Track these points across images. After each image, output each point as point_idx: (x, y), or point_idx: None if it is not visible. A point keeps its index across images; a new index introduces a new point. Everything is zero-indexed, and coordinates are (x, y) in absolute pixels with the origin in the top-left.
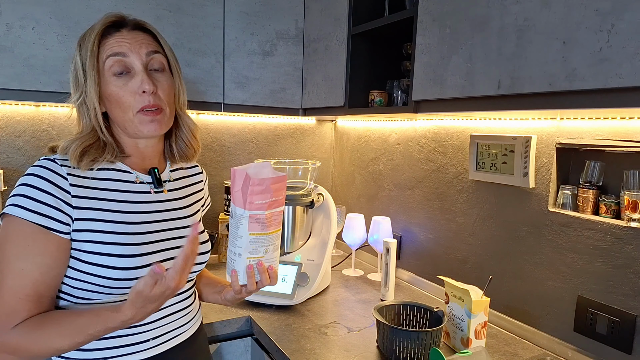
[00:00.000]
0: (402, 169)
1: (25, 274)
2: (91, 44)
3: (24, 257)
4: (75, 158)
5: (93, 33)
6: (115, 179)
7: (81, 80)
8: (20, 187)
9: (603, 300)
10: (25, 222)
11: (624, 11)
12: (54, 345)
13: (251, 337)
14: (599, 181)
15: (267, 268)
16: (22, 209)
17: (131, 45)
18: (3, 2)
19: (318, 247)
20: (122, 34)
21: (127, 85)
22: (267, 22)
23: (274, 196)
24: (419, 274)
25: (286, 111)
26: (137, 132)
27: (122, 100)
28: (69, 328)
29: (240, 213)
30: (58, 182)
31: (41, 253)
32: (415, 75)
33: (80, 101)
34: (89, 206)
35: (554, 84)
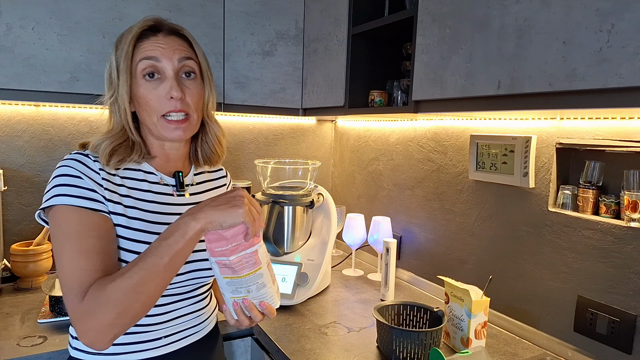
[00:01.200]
0: (402, 169)
1: (87, 247)
2: (127, 46)
3: (80, 235)
4: (105, 157)
5: (130, 35)
6: (141, 179)
7: (115, 80)
8: (58, 178)
9: (603, 300)
10: (74, 208)
11: (624, 11)
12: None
13: (251, 337)
14: (599, 181)
15: (256, 305)
16: (67, 197)
17: (165, 50)
18: (3, 2)
19: (318, 247)
20: (158, 38)
21: (157, 89)
22: (267, 22)
23: (231, 242)
24: (419, 274)
25: (286, 111)
26: (161, 136)
27: (150, 104)
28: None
29: (209, 259)
30: (91, 175)
31: (95, 228)
32: (415, 75)
33: (112, 100)
34: (117, 201)
35: (554, 84)
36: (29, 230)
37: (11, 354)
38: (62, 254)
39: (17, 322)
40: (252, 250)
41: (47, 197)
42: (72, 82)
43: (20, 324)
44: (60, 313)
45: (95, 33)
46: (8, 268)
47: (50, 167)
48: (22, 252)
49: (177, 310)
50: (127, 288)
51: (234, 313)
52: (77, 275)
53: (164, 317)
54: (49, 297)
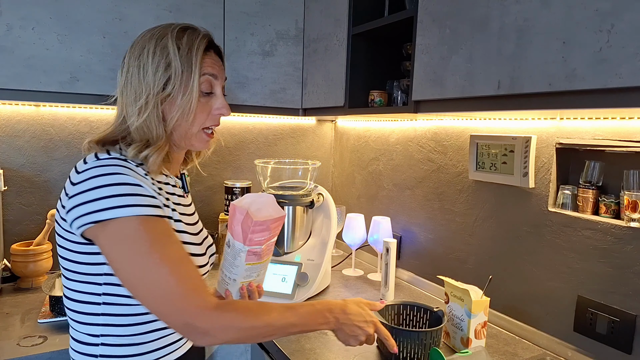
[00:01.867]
0: (402, 169)
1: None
2: (200, 57)
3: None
4: (157, 166)
5: (199, 44)
6: (167, 183)
7: (175, 80)
8: (117, 187)
9: (603, 300)
10: (144, 217)
11: (624, 11)
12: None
13: None
14: (598, 181)
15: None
16: (134, 207)
17: (220, 69)
18: (3, 2)
19: (318, 247)
20: (212, 57)
21: (208, 104)
22: (267, 22)
23: (272, 233)
24: (419, 274)
25: (286, 111)
26: (189, 146)
27: (197, 116)
28: (283, 307)
29: (240, 247)
30: (143, 181)
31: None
32: (415, 75)
33: (161, 98)
34: (166, 205)
35: (554, 84)
36: (29, 230)
37: (11, 354)
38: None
39: (17, 322)
40: (274, 240)
41: (105, 207)
42: (72, 82)
43: (20, 324)
44: (60, 313)
45: (95, 33)
46: (8, 268)
47: (50, 167)
48: (22, 252)
49: None
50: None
51: (238, 296)
52: (186, 280)
53: None
54: (49, 297)
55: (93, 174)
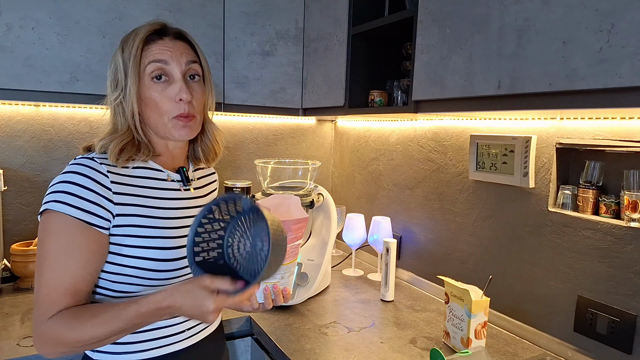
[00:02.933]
0: (402, 169)
1: (65, 268)
2: (135, 49)
3: (64, 252)
4: (114, 155)
5: (137, 38)
6: (150, 177)
7: (121, 81)
8: (61, 184)
9: (603, 300)
10: (68, 217)
11: (624, 11)
12: (89, 333)
13: (251, 337)
14: (599, 181)
15: (281, 290)
16: (64, 204)
17: (172, 54)
18: (3, 2)
19: (318, 247)
20: (165, 42)
21: (165, 91)
22: (267, 22)
23: (294, 234)
24: (419, 274)
25: (286, 111)
26: (169, 136)
27: (160, 106)
28: (103, 316)
29: None
30: (99, 179)
31: (81, 248)
32: (415, 75)
33: (118, 101)
34: (129, 202)
35: (554, 84)
36: (29, 230)
37: (11, 354)
38: (44, 265)
39: (17, 322)
40: (299, 242)
41: (47, 200)
42: (72, 82)
43: (20, 324)
44: None
45: (95, 33)
46: (8, 268)
47: (50, 167)
48: (22, 252)
49: None
50: (93, 335)
51: (262, 297)
52: (50, 294)
53: None
54: None
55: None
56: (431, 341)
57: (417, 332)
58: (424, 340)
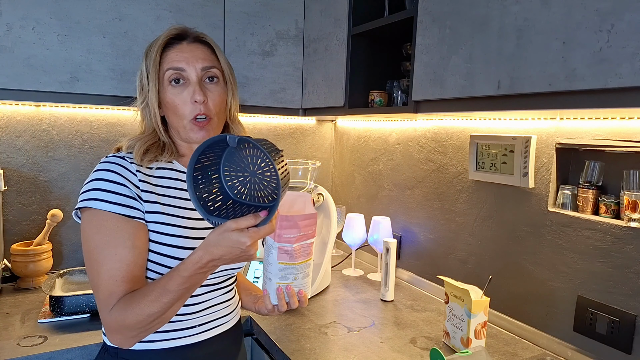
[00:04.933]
0: (402, 169)
1: (119, 258)
2: (154, 55)
3: (114, 244)
4: (139, 155)
5: (156, 45)
6: (173, 177)
7: (145, 86)
8: (96, 182)
9: (603, 300)
10: (109, 213)
11: (624, 11)
12: (145, 312)
13: (251, 337)
14: (598, 181)
15: (296, 292)
16: (103, 202)
17: (189, 60)
18: (3, 2)
19: (318, 247)
20: (182, 47)
21: (182, 94)
22: (267, 22)
23: (302, 231)
24: (419, 273)
25: (286, 111)
26: (188, 138)
27: (178, 108)
28: (155, 292)
29: (270, 243)
30: (129, 177)
31: (129, 238)
32: (415, 75)
33: (143, 105)
34: (154, 200)
35: (554, 84)
36: (29, 230)
37: (11, 354)
38: (97, 259)
39: (17, 322)
40: (311, 241)
41: (85, 197)
42: (72, 82)
43: (20, 324)
44: (60, 313)
45: (95, 33)
46: (8, 268)
47: (51, 167)
48: (22, 252)
49: (210, 300)
50: (149, 313)
51: (275, 298)
52: (109, 284)
53: (198, 306)
54: (49, 297)
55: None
56: (431, 341)
57: (417, 332)
58: (424, 340)
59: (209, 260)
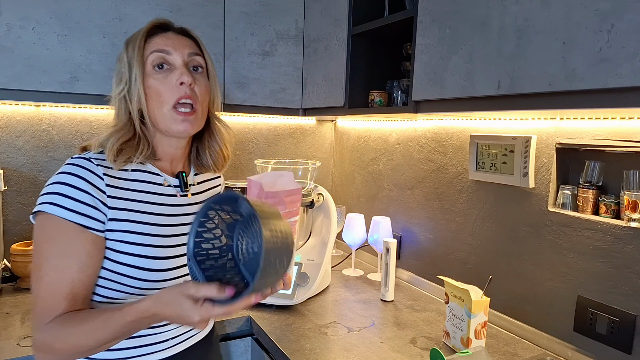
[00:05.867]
0: (402, 169)
1: (63, 272)
2: (138, 41)
3: (62, 255)
4: (112, 154)
5: (141, 32)
6: (146, 180)
7: (125, 74)
8: (56, 185)
9: (603, 300)
10: (64, 220)
11: (624, 11)
12: (80, 342)
13: (251, 337)
14: (598, 181)
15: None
16: (60, 207)
17: (175, 45)
18: (3, 2)
19: (318, 247)
20: (168, 35)
21: (167, 78)
22: (267, 22)
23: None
24: (419, 274)
25: (286, 111)
26: (168, 129)
27: (160, 94)
28: (92, 324)
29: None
30: (95, 181)
31: (79, 251)
32: (415, 75)
33: (121, 95)
34: (122, 207)
35: (554, 84)
36: (29, 230)
37: (11, 354)
38: (41, 269)
39: (17, 322)
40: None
41: (42, 201)
42: (72, 82)
43: (20, 324)
44: None
45: (95, 33)
46: (8, 268)
47: (51, 167)
48: (22, 252)
49: None
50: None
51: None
52: (47, 299)
53: None
54: None
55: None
56: (431, 341)
57: (417, 332)
58: (424, 340)
59: (155, 314)
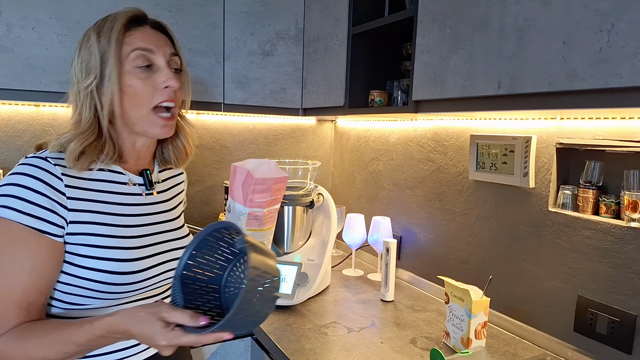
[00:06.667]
0: (402, 169)
1: (15, 279)
2: (116, 33)
3: (13, 261)
4: (73, 157)
5: (117, 23)
6: (109, 180)
7: (96, 67)
8: (9, 187)
9: (603, 300)
10: (16, 224)
11: (624, 11)
12: (39, 355)
13: (251, 337)
14: (599, 181)
15: None
16: (12, 210)
17: (156, 44)
18: (3, 2)
19: (318, 247)
20: (146, 31)
21: (150, 79)
22: (267, 22)
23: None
24: (419, 274)
25: (286, 111)
26: (144, 132)
27: (141, 94)
28: (56, 337)
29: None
30: (52, 182)
31: (31, 257)
32: (415, 75)
33: (88, 90)
34: (84, 208)
35: (554, 84)
36: None
37: None
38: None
39: None
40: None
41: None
42: None
43: None
44: None
45: None
46: None
47: None
48: None
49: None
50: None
51: None
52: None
53: None
54: None
55: (9, 172)
56: (431, 341)
57: (417, 332)
58: (424, 340)
59: (124, 330)
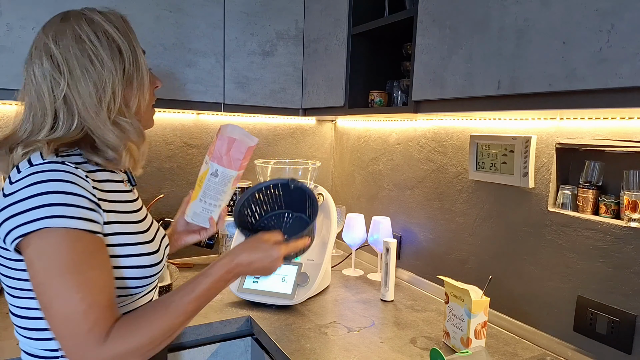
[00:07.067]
0: (402, 169)
1: (97, 281)
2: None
3: (88, 266)
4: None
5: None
6: (113, 180)
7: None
8: (47, 196)
9: (603, 300)
10: (75, 231)
11: (624, 11)
12: (163, 325)
13: (251, 337)
14: (598, 181)
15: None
16: (65, 218)
17: None
18: (3, 2)
19: (318, 247)
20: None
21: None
22: (267, 22)
23: (247, 161)
24: (419, 274)
25: (286, 111)
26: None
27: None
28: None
29: (231, 174)
30: (83, 184)
31: (97, 257)
32: (415, 75)
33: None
34: (108, 209)
35: (554, 84)
36: None
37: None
38: (67, 287)
39: None
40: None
41: (36, 217)
42: None
43: None
44: None
45: None
46: None
47: None
48: None
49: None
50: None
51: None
52: (91, 314)
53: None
54: None
55: (26, 183)
56: (431, 341)
57: (417, 332)
58: (424, 340)
59: (237, 264)
